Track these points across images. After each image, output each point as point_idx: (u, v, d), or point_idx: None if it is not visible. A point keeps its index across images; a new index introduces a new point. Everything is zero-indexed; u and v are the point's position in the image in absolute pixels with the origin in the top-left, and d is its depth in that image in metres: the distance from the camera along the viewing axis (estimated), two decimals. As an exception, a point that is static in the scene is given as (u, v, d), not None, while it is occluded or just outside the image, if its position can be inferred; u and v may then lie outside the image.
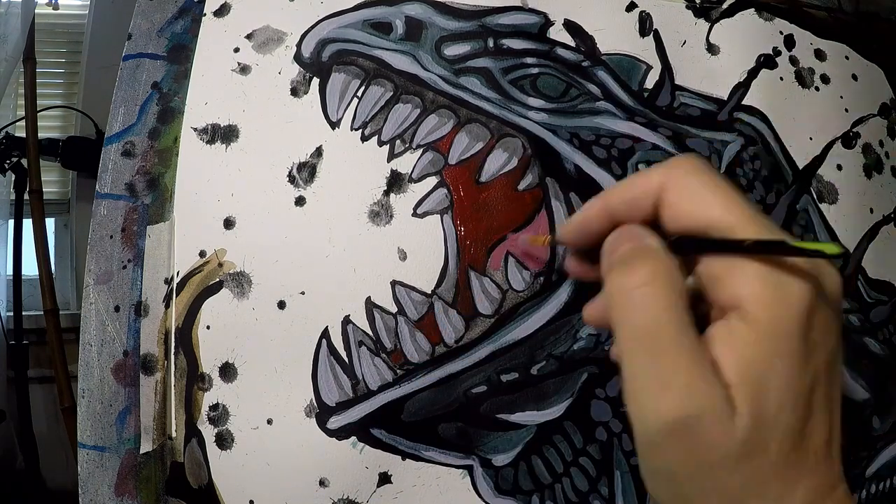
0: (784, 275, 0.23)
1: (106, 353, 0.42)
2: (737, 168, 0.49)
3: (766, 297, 0.23)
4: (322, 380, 0.42)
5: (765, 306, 0.23)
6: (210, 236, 0.43)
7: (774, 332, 0.22)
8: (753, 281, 0.23)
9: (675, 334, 0.23)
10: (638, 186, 0.26)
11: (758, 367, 0.22)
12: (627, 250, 0.25)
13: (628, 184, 0.27)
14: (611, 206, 0.27)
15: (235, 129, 0.45)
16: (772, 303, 0.23)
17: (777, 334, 0.22)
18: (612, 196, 0.27)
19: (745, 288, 0.23)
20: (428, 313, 0.43)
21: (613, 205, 0.27)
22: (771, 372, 0.22)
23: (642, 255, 0.25)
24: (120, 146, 0.45)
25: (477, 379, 0.42)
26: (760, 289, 0.23)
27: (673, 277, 0.24)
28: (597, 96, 0.48)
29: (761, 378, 0.22)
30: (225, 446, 0.41)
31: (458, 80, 0.46)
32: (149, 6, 0.48)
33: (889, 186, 0.54)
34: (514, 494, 0.43)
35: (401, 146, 0.45)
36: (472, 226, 0.44)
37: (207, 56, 0.46)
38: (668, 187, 0.25)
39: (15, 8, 1.06)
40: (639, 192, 0.26)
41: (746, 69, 0.52)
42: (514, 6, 0.49)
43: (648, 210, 0.26)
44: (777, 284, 0.23)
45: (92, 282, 0.43)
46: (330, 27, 0.46)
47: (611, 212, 0.27)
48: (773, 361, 0.22)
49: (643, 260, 0.24)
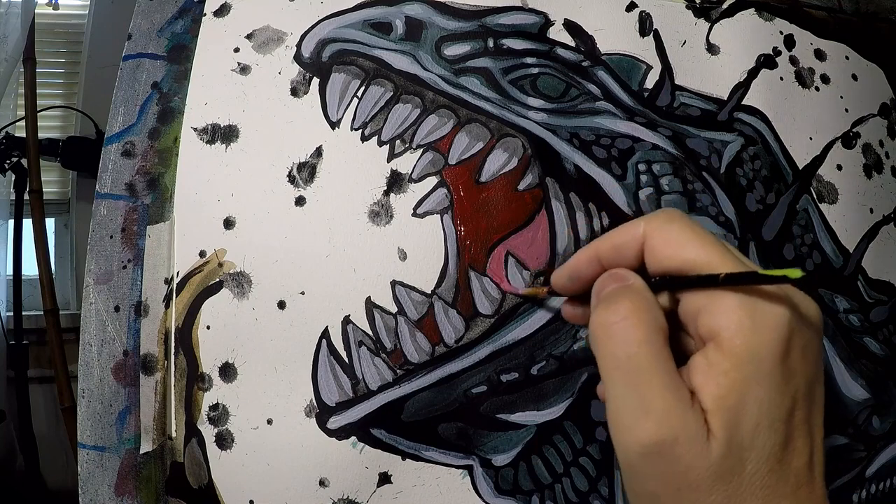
0: (760, 305, 0.24)
1: (106, 353, 0.43)
2: (737, 168, 0.49)
3: (742, 326, 0.24)
4: (322, 380, 0.42)
5: (740, 335, 0.24)
6: (210, 236, 0.43)
7: (751, 359, 0.24)
8: (729, 312, 0.24)
9: (652, 364, 0.25)
10: (623, 235, 0.29)
11: (734, 394, 0.24)
12: (612, 289, 0.28)
13: (615, 233, 0.30)
14: (600, 252, 0.30)
15: (235, 129, 0.45)
16: (747, 331, 0.24)
17: (753, 361, 0.24)
18: (600, 244, 0.30)
19: (721, 319, 0.25)
20: (428, 313, 0.43)
21: (602, 252, 0.30)
22: (748, 397, 0.24)
23: (624, 292, 0.27)
24: (120, 146, 0.45)
25: (477, 379, 0.42)
26: (736, 319, 0.24)
27: (651, 312, 0.26)
28: (597, 96, 0.48)
29: (737, 403, 0.24)
30: (225, 446, 0.41)
31: (458, 80, 0.46)
32: (149, 6, 0.48)
33: (889, 186, 0.54)
34: (514, 494, 0.43)
35: (401, 146, 0.45)
36: (472, 226, 0.44)
37: (207, 56, 0.46)
38: (649, 235, 0.28)
39: (15, 8, 1.06)
40: (624, 240, 0.29)
41: (746, 69, 0.52)
42: (514, 6, 0.49)
43: (633, 256, 0.29)
44: (752, 314, 0.24)
45: (92, 282, 0.43)
46: (330, 27, 0.46)
47: (600, 258, 0.30)
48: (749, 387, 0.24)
49: (624, 297, 0.27)
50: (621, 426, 0.25)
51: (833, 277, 0.49)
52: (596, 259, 0.30)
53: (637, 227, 0.29)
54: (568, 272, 0.32)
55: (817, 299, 0.48)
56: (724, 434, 0.23)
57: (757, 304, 0.24)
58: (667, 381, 0.24)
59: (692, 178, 0.48)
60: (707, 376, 0.24)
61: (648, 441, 0.24)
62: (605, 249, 0.30)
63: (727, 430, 0.23)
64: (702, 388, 0.24)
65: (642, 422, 0.24)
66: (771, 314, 0.24)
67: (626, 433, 0.25)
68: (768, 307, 0.24)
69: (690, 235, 0.27)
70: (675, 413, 0.24)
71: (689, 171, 0.48)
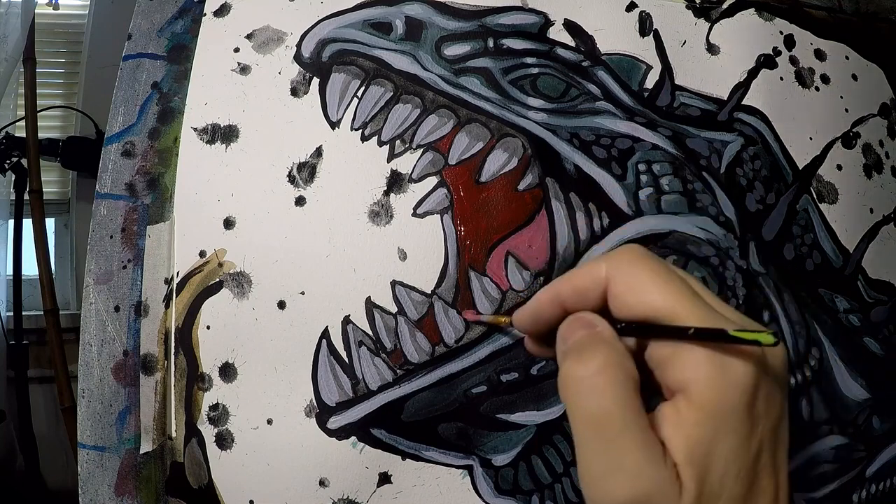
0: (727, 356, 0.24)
1: (106, 353, 0.43)
2: (737, 168, 0.49)
3: (711, 379, 0.24)
4: (322, 380, 0.42)
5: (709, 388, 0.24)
6: (210, 236, 0.43)
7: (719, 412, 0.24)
8: (698, 365, 0.24)
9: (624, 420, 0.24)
10: (586, 278, 0.28)
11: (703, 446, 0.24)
12: (580, 338, 0.27)
13: (577, 275, 0.28)
14: (561, 295, 0.29)
15: (235, 129, 0.45)
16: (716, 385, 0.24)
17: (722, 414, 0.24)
18: (562, 286, 0.29)
19: (690, 371, 0.24)
20: (428, 313, 0.43)
21: (564, 295, 0.29)
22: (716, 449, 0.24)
23: (594, 343, 0.26)
24: (120, 146, 0.45)
25: (477, 379, 0.42)
26: (705, 372, 0.24)
27: (623, 365, 0.25)
28: (597, 96, 0.48)
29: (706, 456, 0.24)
30: (225, 446, 0.41)
31: (458, 80, 0.46)
32: (149, 6, 0.48)
33: (889, 186, 0.54)
34: (514, 494, 0.43)
35: (401, 146, 0.45)
36: (472, 226, 0.44)
37: (207, 56, 0.46)
38: (613, 278, 0.27)
39: (15, 8, 1.06)
40: (587, 283, 0.28)
41: (746, 69, 0.52)
42: (514, 6, 0.49)
43: (597, 298, 0.28)
44: (721, 366, 0.24)
45: (92, 282, 0.43)
46: (330, 27, 0.46)
47: (561, 301, 0.29)
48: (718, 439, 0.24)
49: (594, 349, 0.26)
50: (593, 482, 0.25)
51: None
52: (558, 301, 0.29)
53: (599, 269, 0.27)
54: (530, 313, 0.31)
55: (817, 299, 0.48)
56: (695, 486, 0.24)
57: (725, 359, 0.24)
58: (639, 437, 0.24)
59: (692, 178, 0.48)
60: (677, 428, 0.24)
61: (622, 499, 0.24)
62: (567, 292, 0.28)
63: (697, 482, 0.24)
64: (671, 440, 0.24)
65: (615, 479, 0.24)
66: (739, 368, 0.24)
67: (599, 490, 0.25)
68: (736, 362, 0.24)
69: (654, 278, 0.26)
70: (648, 470, 0.24)
71: (689, 171, 0.48)
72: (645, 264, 0.27)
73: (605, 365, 0.25)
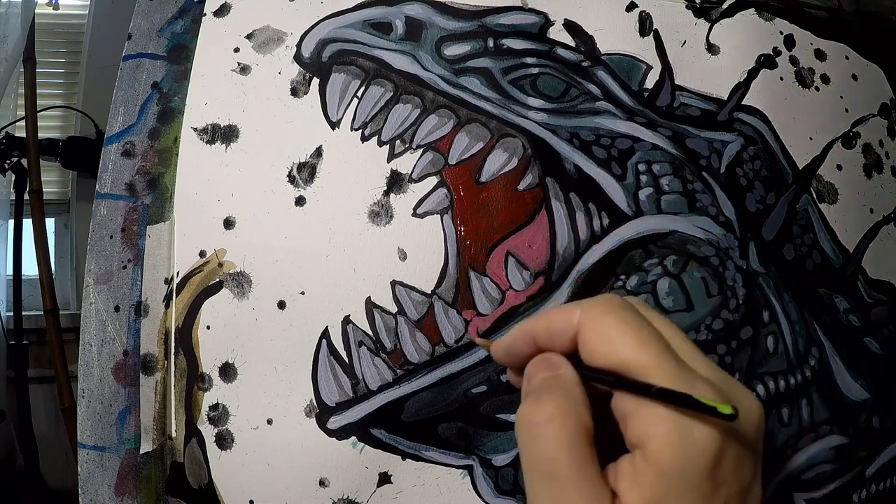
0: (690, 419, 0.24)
1: (106, 353, 0.43)
2: (737, 168, 0.49)
3: (669, 439, 0.24)
4: (322, 380, 0.42)
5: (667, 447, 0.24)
6: (210, 236, 0.43)
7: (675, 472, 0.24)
8: (659, 422, 0.24)
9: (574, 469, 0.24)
10: (559, 321, 0.28)
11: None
12: (540, 380, 0.27)
13: (552, 315, 0.28)
14: (535, 333, 0.29)
15: (235, 129, 0.45)
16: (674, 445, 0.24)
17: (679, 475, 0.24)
18: (536, 325, 0.29)
19: (651, 428, 0.24)
20: (428, 313, 0.43)
21: (537, 332, 0.29)
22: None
23: (551, 388, 0.26)
24: (120, 146, 0.45)
25: (477, 379, 0.42)
26: (665, 431, 0.24)
27: (578, 413, 0.25)
28: (597, 96, 0.48)
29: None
30: (225, 446, 0.41)
31: (458, 80, 0.46)
32: (149, 6, 0.48)
33: (889, 186, 0.54)
34: (514, 494, 0.43)
35: (401, 146, 0.45)
36: (472, 226, 0.44)
37: (207, 56, 0.46)
38: (584, 326, 0.27)
39: (15, 8, 1.06)
40: (559, 326, 0.28)
41: (746, 69, 0.52)
42: (514, 6, 0.49)
43: (568, 341, 0.28)
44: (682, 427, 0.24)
45: (92, 282, 0.43)
46: (330, 27, 0.46)
47: (535, 338, 0.29)
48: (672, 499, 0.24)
49: (551, 394, 0.26)
50: None
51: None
52: (531, 338, 0.29)
53: (573, 313, 0.27)
54: (504, 347, 0.31)
55: (817, 298, 0.48)
56: None
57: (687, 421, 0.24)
58: (585, 488, 0.24)
59: (692, 178, 0.48)
60: (632, 483, 0.24)
61: None
62: (540, 331, 0.29)
63: None
64: (625, 495, 0.24)
65: None
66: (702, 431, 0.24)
67: None
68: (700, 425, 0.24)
69: (626, 330, 0.26)
70: None
71: (689, 171, 0.48)
72: (618, 315, 0.26)
73: (558, 411, 0.25)
